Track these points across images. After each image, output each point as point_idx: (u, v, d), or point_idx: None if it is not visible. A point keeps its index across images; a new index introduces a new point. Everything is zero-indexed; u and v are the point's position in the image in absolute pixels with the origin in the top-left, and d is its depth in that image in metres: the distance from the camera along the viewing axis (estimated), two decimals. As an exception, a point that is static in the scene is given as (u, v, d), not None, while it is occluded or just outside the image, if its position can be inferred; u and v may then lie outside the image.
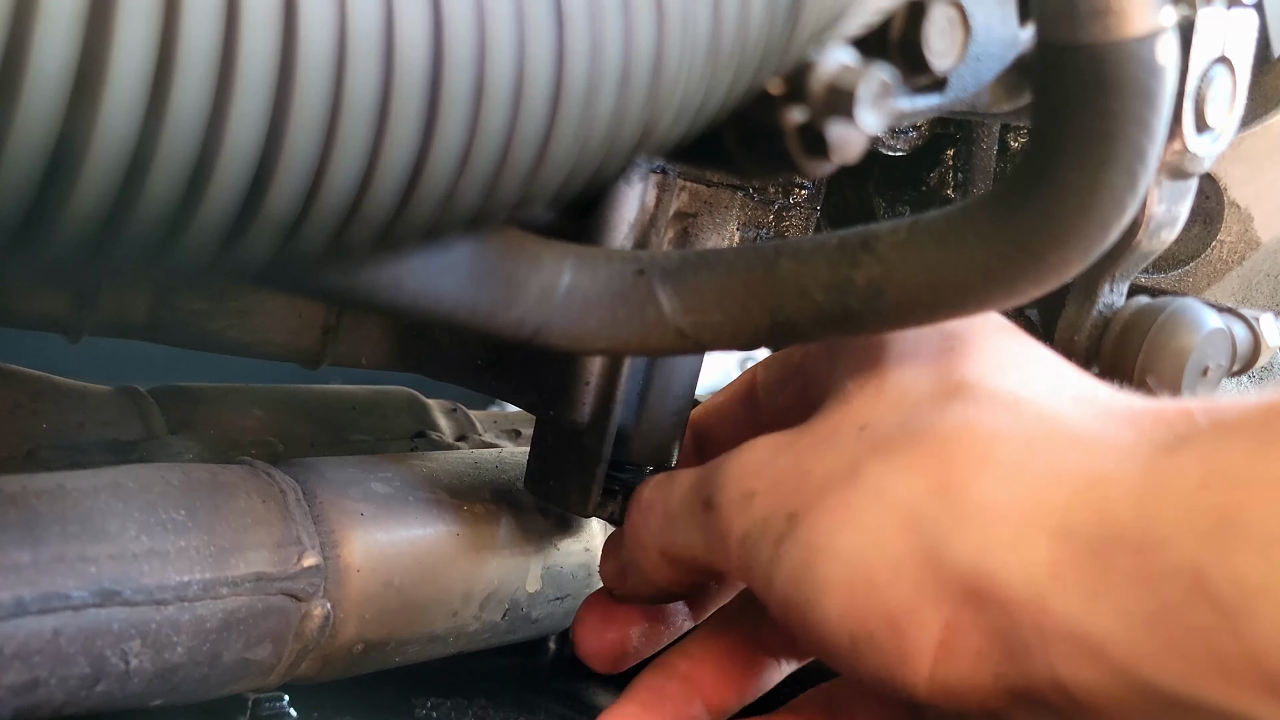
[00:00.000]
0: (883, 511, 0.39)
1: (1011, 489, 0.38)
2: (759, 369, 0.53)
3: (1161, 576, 0.34)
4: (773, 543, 0.41)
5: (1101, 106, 0.37)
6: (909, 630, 0.38)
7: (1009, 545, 0.37)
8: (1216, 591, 0.33)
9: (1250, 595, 0.32)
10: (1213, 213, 0.64)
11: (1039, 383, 0.42)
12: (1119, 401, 0.41)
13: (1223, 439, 0.35)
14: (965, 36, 0.42)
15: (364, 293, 0.38)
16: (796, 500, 0.41)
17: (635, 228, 0.51)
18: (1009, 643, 0.37)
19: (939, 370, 0.43)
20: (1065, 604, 0.35)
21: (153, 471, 0.50)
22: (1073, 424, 0.39)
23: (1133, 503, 0.35)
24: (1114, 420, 0.39)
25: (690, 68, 0.32)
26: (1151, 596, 0.34)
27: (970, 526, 0.37)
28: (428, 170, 0.28)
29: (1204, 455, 0.35)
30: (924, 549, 0.38)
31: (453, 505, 0.56)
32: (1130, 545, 0.35)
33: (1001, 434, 0.39)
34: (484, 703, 0.66)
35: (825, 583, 0.39)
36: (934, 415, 0.41)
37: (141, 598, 0.46)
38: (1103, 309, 0.59)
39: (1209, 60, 0.50)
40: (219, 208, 0.26)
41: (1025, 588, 0.36)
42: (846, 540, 0.39)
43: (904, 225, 0.42)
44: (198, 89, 0.25)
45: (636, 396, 0.53)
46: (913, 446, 0.40)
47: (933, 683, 0.38)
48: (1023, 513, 0.37)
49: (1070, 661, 0.35)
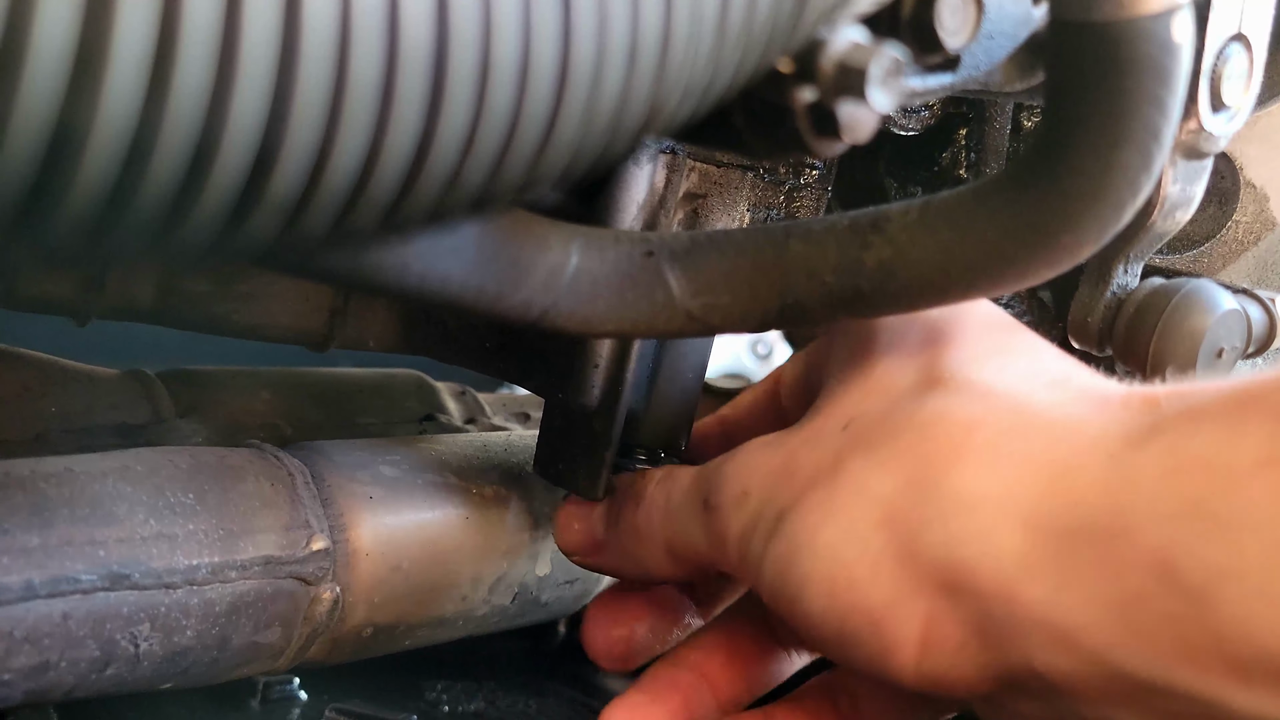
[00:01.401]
0: (861, 507, 0.39)
1: (984, 479, 0.38)
2: (785, 367, 0.53)
3: (1129, 564, 0.34)
4: (763, 539, 0.42)
5: (1116, 85, 0.37)
6: (889, 626, 0.38)
7: (981, 536, 0.37)
8: (1183, 578, 0.33)
9: (1216, 581, 0.32)
10: (1228, 193, 0.63)
11: (1016, 371, 0.42)
12: (1094, 388, 0.41)
13: (1191, 426, 0.35)
14: (978, 14, 0.41)
15: (370, 275, 0.38)
16: (785, 497, 0.42)
17: (644, 209, 0.51)
18: (986, 633, 0.37)
19: (921, 363, 0.43)
20: (1036, 593, 0.36)
21: (161, 455, 0.50)
22: (1046, 413, 0.39)
23: (1101, 491, 0.36)
24: (1087, 405, 0.39)
25: (698, 46, 0.31)
26: (1119, 584, 0.34)
27: (944, 518, 0.38)
28: (432, 151, 0.28)
29: (1172, 444, 0.35)
30: (901, 543, 0.38)
31: (461, 488, 0.56)
32: (1098, 534, 0.35)
33: (976, 424, 0.39)
34: (493, 686, 0.66)
35: (807, 579, 0.40)
36: (912, 408, 0.41)
37: (150, 581, 0.46)
38: (1116, 290, 0.58)
39: (1225, 38, 0.49)
40: (222, 190, 0.26)
41: (997, 578, 0.36)
42: (826, 536, 0.40)
43: (915, 206, 0.42)
44: (200, 70, 0.24)
45: (646, 379, 0.53)
46: (892, 440, 0.40)
47: (920, 674, 0.38)
48: (995, 503, 0.37)
49: (1044, 650, 0.36)
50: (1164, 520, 0.34)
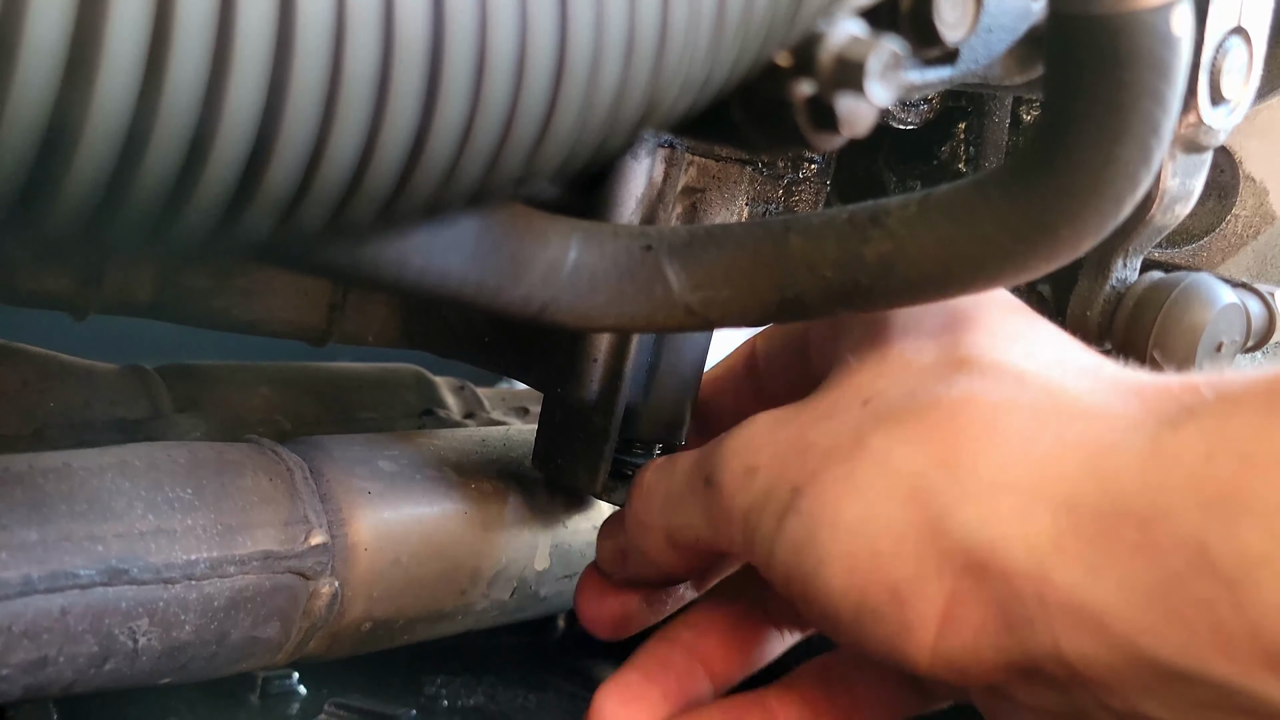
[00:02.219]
0: (887, 483, 0.39)
1: (1016, 461, 0.38)
2: (758, 339, 0.52)
3: (1164, 549, 0.34)
4: (775, 516, 0.41)
5: (1115, 78, 0.36)
6: (912, 601, 0.38)
7: (1013, 517, 0.37)
8: (1219, 564, 0.33)
9: (1253, 568, 0.32)
10: (1228, 186, 0.63)
11: (1045, 356, 0.41)
12: (1125, 376, 0.41)
13: (1228, 412, 0.35)
14: (977, 7, 0.41)
15: (368, 270, 0.38)
16: (799, 473, 0.41)
17: (643, 203, 0.51)
18: (1011, 615, 0.37)
19: (943, 344, 0.43)
20: (1067, 576, 0.35)
21: (159, 450, 0.50)
22: (1079, 397, 0.39)
23: (1137, 475, 0.35)
24: (1120, 394, 0.39)
25: (696, 38, 0.31)
26: (1154, 569, 0.34)
27: (974, 498, 0.37)
28: (429, 145, 0.28)
29: (1209, 429, 0.35)
30: (927, 521, 0.38)
31: (460, 483, 0.56)
32: (1134, 518, 0.35)
33: (1007, 406, 0.39)
34: (493, 680, 0.66)
35: (828, 554, 0.39)
36: (939, 388, 0.41)
37: (149, 576, 0.46)
38: (1116, 284, 0.58)
39: (1225, 31, 0.49)
40: (218, 183, 0.26)
41: (1028, 559, 0.36)
42: (850, 511, 0.39)
43: (914, 200, 0.42)
44: (194, 63, 0.24)
45: (645, 374, 0.53)
46: (918, 418, 0.40)
47: (935, 655, 0.38)
48: (1027, 485, 0.37)
49: (1072, 633, 0.35)
50: (1200, 506, 0.33)
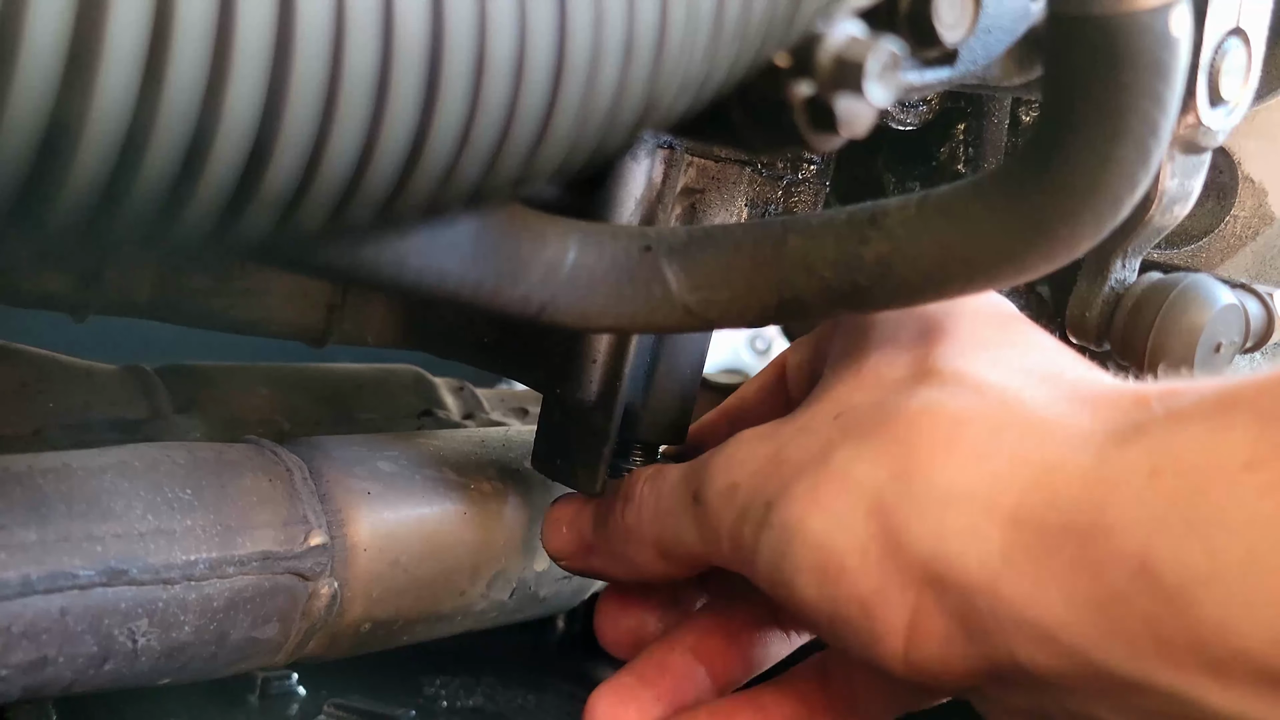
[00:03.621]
0: (849, 496, 0.39)
1: (970, 474, 0.38)
2: (789, 352, 0.53)
3: (1109, 563, 0.34)
4: (754, 530, 0.42)
5: (1113, 79, 0.36)
6: (879, 613, 0.38)
7: (965, 531, 0.37)
8: (1162, 579, 0.33)
9: (1194, 582, 0.33)
10: (1226, 187, 0.63)
11: (1009, 364, 0.42)
12: (1085, 384, 0.41)
13: (1175, 428, 0.35)
14: (976, 8, 0.41)
15: (367, 270, 0.38)
16: (773, 488, 0.42)
17: (642, 204, 0.51)
18: (970, 626, 0.37)
19: (915, 356, 0.43)
20: (1017, 589, 0.36)
21: (159, 450, 0.50)
22: (1036, 409, 0.39)
23: (1082, 491, 0.36)
24: (1076, 405, 0.39)
25: (695, 39, 0.31)
26: (1099, 583, 0.34)
27: (930, 512, 0.38)
28: (428, 145, 0.28)
29: (1155, 445, 0.35)
30: (887, 533, 0.38)
31: (460, 484, 0.56)
32: (1079, 533, 0.35)
33: (964, 419, 0.39)
34: (492, 681, 0.66)
35: (799, 566, 0.40)
36: (902, 399, 0.41)
37: (148, 577, 0.46)
38: (1114, 285, 0.58)
39: (1223, 32, 0.49)
40: (217, 183, 0.26)
41: (980, 573, 0.37)
42: (816, 524, 0.40)
43: (913, 201, 0.42)
44: (194, 63, 0.24)
45: (644, 374, 0.53)
46: (880, 431, 0.40)
47: (908, 663, 0.39)
48: (980, 498, 0.37)
49: (1025, 645, 0.36)
50: (1145, 522, 0.34)
